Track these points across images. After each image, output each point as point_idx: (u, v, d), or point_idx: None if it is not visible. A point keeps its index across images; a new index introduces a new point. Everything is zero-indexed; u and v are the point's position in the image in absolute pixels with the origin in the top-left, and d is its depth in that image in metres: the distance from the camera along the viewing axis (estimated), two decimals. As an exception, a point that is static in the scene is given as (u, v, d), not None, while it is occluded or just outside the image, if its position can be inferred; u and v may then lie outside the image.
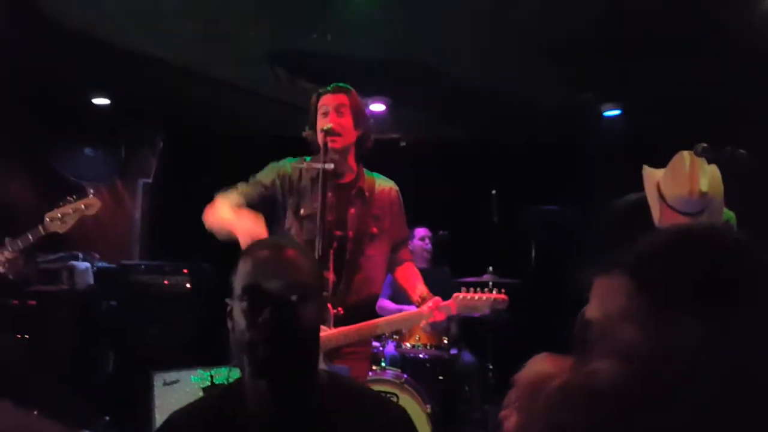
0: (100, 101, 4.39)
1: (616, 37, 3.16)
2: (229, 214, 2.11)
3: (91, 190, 2.70)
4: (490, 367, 3.74)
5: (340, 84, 2.33)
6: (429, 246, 4.22)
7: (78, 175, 4.82)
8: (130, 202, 5.23)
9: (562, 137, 4.67)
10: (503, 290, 2.20)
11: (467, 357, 3.87)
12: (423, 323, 2.19)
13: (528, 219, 4.24)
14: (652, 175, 2.17)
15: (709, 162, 2.17)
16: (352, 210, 2.28)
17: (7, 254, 2.51)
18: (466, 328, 4.04)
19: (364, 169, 2.38)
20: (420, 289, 2.26)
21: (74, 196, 2.61)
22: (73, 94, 4.25)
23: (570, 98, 4.06)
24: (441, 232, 4.33)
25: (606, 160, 2.66)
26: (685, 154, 2.11)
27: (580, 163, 3.65)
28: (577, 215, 2.94)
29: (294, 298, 1.15)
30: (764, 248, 0.70)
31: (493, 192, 3.95)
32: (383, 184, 2.39)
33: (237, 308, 1.17)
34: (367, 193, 2.32)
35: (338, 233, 2.22)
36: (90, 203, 2.59)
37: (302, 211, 2.27)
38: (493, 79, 3.85)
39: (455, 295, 2.20)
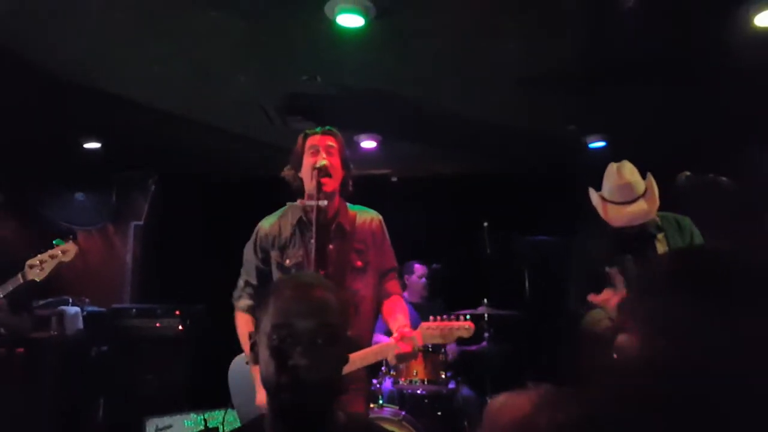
0: (91, 146, 4.41)
1: (600, 68, 3.26)
2: (242, 340, 2.34)
3: (71, 236, 2.70)
4: (489, 400, 3.69)
5: (328, 127, 2.39)
6: (424, 281, 4.28)
7: (69, 219, 4.81)
8: (122, 245, 5.21)
9: (550, 169, 4.75)
10: (468, 317, 2.19)
11: (465, 391, 3.83)
12: (390, 356, 2.14)
13: (520, 250, 4.28)
14: (594, 191, 2.70)
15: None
16: (331, 246, 2.27)
17: None
18: (464, 362, 4.02)
19: (347, 204, 2.40)
20: (400, 321, 2.22)
21: (54, 242, 2.61)
22: (64, 139, 4.27)
23: (556, 131, 4.16)
24: (434, 265, 4.37)
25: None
26: (612, 163, 2.68)
27: (568, 194, 3.71)
28: (567, 245, 3.01)
29: (323, 340, 1.14)
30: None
31: (485, 224, 3.98)
32: (364, 215, 2.39)
33: (264, 345, 1.16)
34: (347, 228, 2.32)
35: (320, 271, 2.20)
36: (66, 249, 2.59)
37: (287, 262, 2.29)
38: (481, 113, 3.93)
39: (421, 324, 2.17)
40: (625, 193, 2.57)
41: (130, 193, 5.21)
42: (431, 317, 2.18)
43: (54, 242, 2.60)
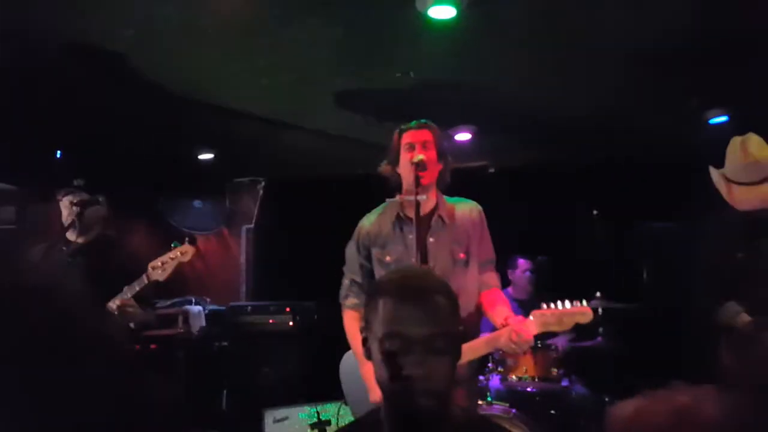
0: (205, 156, 4.74)
1: (715, 39, 2.96)
2: (350, 339, 2.37)
3: (187, 238, 2.86)
4: (607, 399, 3.49)
5: (423, 120, 2.37)
6: (528, 274, 4.12)
7: (189, 226, 5.23)
8: (236, 248, 5.57)
9: (666, 150, 4.38)
10: (585, 302, 1.98)
11: (579, 389, 3.64)
12: (504, 345, 2.00)
13: (635, 239, 4.00)
14: (716, 170, 2.45)
15: None
16: (432, 239, 2.26)
17: (117, 302, 2.74)
18: (577, 358, 3.82)
19: (445, 196, 2.38)
20: (503, 312, 2.13)
21: (172, 245, 2.79)
22: (182, 152, 4.63)
23: (672, 109, 3.83)
24: (540, 258, 4.19)
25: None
26: (736, 137, 2.42)
27: (688, 176, 3.41)
28: (688, 232, 2.76)
29: (437, 347, 1.12)
30: None
31: (595, 212, 3.75)
32: (464, 206, 2.36)
33: (376, 348, 1.16)
34: (447, 220, 2.30)
35: (422, 266, 2.18)
36: (185, 250, 2.76)
37: (388, 258, 2.30)
38: (583, 98, 3.72)
39: (533, 312, 2.03)
40: (753, 172, 2.30)
41: (241, 198, 5.57)
42: (543, 305, 2.03)
43: (172, 245, 2.79)
